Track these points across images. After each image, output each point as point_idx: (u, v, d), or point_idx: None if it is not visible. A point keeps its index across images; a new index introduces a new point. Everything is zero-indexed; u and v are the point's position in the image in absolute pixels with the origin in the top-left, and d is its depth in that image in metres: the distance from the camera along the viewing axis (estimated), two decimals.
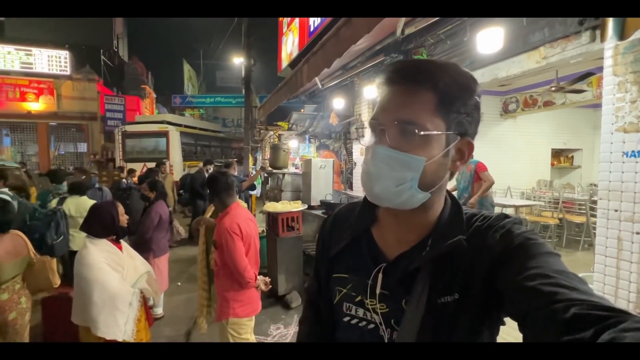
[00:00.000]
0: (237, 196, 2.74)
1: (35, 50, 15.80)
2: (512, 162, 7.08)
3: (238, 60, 14.68)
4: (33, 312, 2.62)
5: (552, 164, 8.23)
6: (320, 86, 6.10)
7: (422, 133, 0.56)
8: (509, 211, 5.76)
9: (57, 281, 2.73)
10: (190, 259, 5.59)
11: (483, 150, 5.00)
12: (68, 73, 16.25)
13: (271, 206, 4.37)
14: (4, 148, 15.89)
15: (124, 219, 2.34)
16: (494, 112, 7.12)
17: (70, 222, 3.63)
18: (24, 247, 2.51)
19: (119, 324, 2.04)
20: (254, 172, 6.76)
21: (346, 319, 0.68)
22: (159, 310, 3.89)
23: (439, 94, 0.57)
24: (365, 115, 6.27)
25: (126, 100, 15.63)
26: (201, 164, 7.92)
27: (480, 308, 0.57)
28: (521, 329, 0.48)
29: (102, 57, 19.09)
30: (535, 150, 7.68)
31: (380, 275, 0.64)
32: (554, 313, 0.42)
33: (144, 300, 2.36)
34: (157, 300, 3.82)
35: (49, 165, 14.64)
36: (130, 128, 13.46)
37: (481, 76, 4.04)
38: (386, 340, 0.63)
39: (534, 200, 6.64)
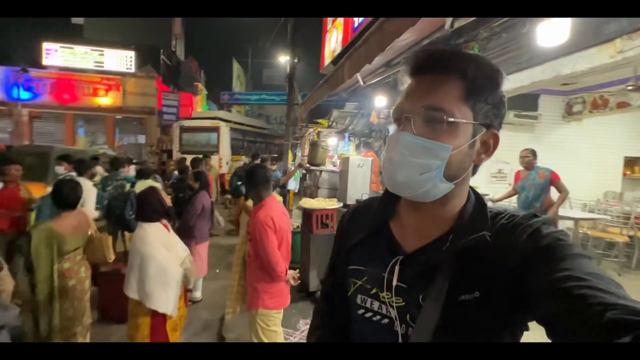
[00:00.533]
0: (273, 190, 2.79)
1: (106, 50, 17.57)
2: (574, 170, 6.37)
3: (283, 59, 15.15)
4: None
5: (625, 174, 7.26)
6: (362, 83, 5.99)
7: (449, 120, 0.55)
8: (568, 224, 5.19)
9: (112, 256, 3.04)
10: (230, 248, 5.86)
11: (540, 155, 4.54)
12: (133, 71, 17.88)
13: (306, 202, 4.40)
14: (79, 137, 17.98)
15: (168, 200, 2.54)
16: (554, 114, 6.45)
17: None
18: (86, 224, 2.81)
19: (169, 299, 2.27)
20: (292, 169, 6.88)
21: (360, 311, 0.66)
22: (197, 294, 4.12)
23: (467, 83, 0.56)
24: None
25: (180, 96, 16.76)
26: (246, 159, 8.25)
27: (503, 309, 0.54)
28: (549, 333, 0.46)
29: (162, 56, 20.70)
30: (604, 157, 6.83)
31: (397, 268, 0.62)
32: (588, 317, 0.40)
33: (183, 282, 2.53)
34: (197, 284, 4.06)
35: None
36: (187, 123, 14.60)
37: (541, 73, 3.66)
38: (400, 336, 0.60)
39: (598, 213, 5.92)
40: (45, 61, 16.91)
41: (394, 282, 0.62)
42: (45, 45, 16.82)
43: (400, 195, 0.62)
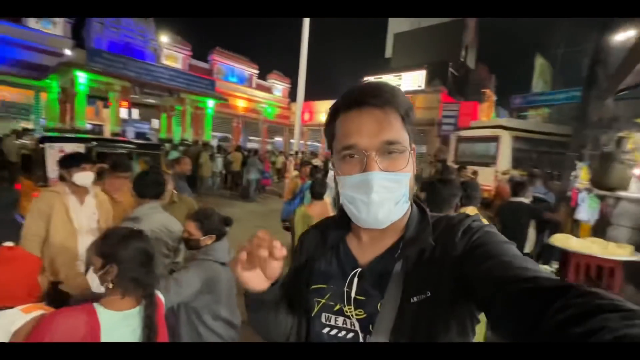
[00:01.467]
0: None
1: (403, 74, 20.88)
2: None
3: (622, 36, 10.71)
4: None
5: None
6: None
7: (405, 150, 0.61)
8: None
9: None
10: None
11: None
12: (423, 88, 20.02)
13: (568, 240, 2.99)
14: None
15: None
16: None
17: None
18: (328, 212, 3.64)
19: None
20: (580, 189, 4.94)
21: (325, 330, 0.67)
22: None
23: (401, 112, 0.62)
24: None
25: (461, 106, 16.67)
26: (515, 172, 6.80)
27: (453, 304, 0.57)
28: (488, 317, 0.49)
29: (450, 69, 21.52)
30: None
31: (355, 280, 0.65)
32: (511, 292, 0.44)
33: None
34: None
35: None
36: (464, 133, 14.37)
37: None
38: None
39: None
40: None
41: (353, 295, 0.64)
42: (365, 79, 22.66)
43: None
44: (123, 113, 18.17)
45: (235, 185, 11.71)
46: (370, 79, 22.42)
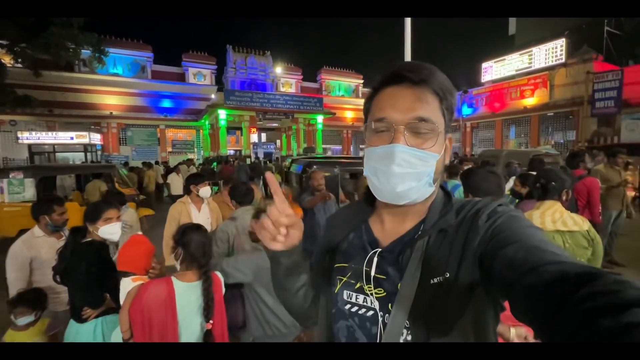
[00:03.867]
0: None
1: (534, 50, 17.32)
2: None
3: None
4: None
5: None
6: None
7: (435, 130, 0.60)
8: None
9: None
10: None
11: None
12: (563, 61, 16.11)
13: None
14: (509, 140, 19.49)
15: None
16: None
17: None
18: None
19: None
20: None
21: (347, 306, 0.70)
22: None
23: (440, 94, 0.61)
24: None
25: (624, 73, 12.57)
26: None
27: (473, 287, 0.57)
28: (510, 303, 0.48)
29: (606, 27, 16.55)
30: None
31: (375, 260, 0.66)
32: (534, 277, 0.43)
33: None
34: None
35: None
36: None
37: None
38: (380, 325, 0.65)
39: None
40: (483, 78, 20.08)
41: (372, 274, 0.65)
42: (483, 65, 19.90)
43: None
44: (254, 138, 21.77)
45: None
46: (490, 63, 19.53)
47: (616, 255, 4.25)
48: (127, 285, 1.58)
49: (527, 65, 17.83)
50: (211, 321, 1.49)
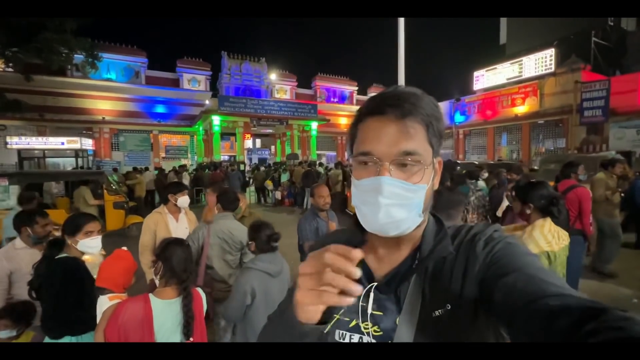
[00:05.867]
0: None
1: (524, 59, 17.65)
2: None
3: None
4: None
5: None
6: None
7: (424, 162, 0.58)
8: None
9: None
10: None
11: None
12: (552, 70, 16.43)
13: None
14: (502, 148, 19.71)
15: None
16: None
17: None
18: None
19: None
20: None
21: None
22: None
23: (426, 122, 0.59)
24: None
25: (612, 82, 12.87)
26: None
27: (474, 318, 0.55)
28: (509, 332, 0.48)
29: (594, 38, 16.98)
30: None
31: (371, 294, 0.62)
32: (535, 309, 0.43)
33: None
34: None
35: (529, 161, 15.96)
36: None
37: None
38: None
39: None
40: (475, 87, 20.37)
41: (369, 310, 0.62)
42: (475, 73, 20.21)
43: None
44: (248, 144, 21.71)
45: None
46: (482, 72, 19.84)
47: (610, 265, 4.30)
48: (103, 303, 1.53)
49: (518, 74, 18.16)
50: (191, 338, 1.45)
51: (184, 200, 2.79)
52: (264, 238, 1.95)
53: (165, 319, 1.42)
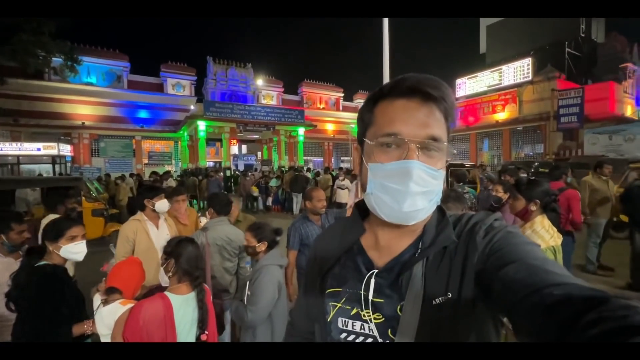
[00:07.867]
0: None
1: (504, 68, 18.32)
2: None
3: None
4: None
5: None
6: None
7: (444, 149, 0.58)
8: None
9: None
10: None
11: None
12: (530, 78, 17.12)
13: None
14: (483, 153, 20.27)
15: None
16: None
17: None
18: None
19: None
20: None
21: (343, 335, 0.65)
22: None
23: (445, 109, 0.58)
24: None
25: (585, 91, 13.52)
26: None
27: (475, 306, 0.55)
28: (511, 323, 0.47)
29: (567, 49, 17.84)
30: None
31: (372, 282, 0.62)
32: (537, 299, 0.42)
33: None
34: None
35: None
36: None
37: None
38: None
39: None
40: (457, 94, 20.94)
41: (370, 298, 0.62)
42: (457, 81, 20.80)
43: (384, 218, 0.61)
44: (234, 149, 21.46)
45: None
46: (464, 80, 20.44)
47: (604, 259, 4.53)
48: (116, 309, 1.44)
49: (498, 82, 18.81)
50: (206, 332, 1.48)
51: (162, 204, 2.52)
52: (271, 234, 1.98)
53: (185, 314, 1.44)
